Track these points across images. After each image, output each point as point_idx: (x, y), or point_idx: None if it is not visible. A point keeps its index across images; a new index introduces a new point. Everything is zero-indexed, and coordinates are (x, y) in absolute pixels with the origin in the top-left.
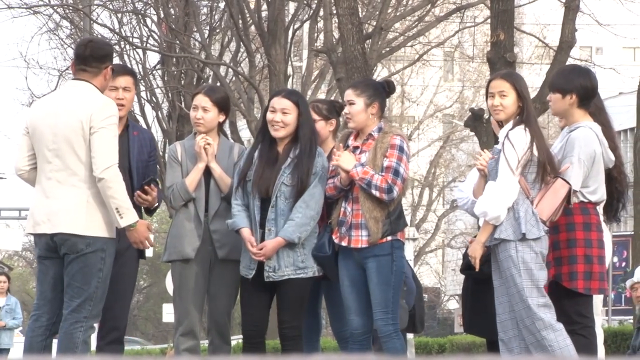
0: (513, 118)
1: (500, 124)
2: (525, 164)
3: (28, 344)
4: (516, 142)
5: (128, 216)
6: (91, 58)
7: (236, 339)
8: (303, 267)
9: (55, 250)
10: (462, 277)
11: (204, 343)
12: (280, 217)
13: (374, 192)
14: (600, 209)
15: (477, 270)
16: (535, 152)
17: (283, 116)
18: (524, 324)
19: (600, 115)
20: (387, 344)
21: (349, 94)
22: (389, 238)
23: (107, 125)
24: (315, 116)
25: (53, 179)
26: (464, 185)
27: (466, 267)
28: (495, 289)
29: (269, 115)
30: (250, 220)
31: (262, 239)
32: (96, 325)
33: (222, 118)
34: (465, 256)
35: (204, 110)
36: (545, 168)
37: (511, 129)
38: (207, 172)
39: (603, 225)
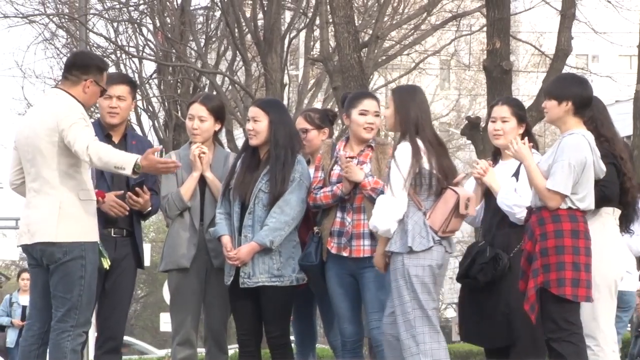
0: (398, 132)
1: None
2: (414, 177)
3: (21, 353)
4: (400, 158)
5: (128, 164)
6: (74, 66)
7: (233, 348)
8: (279, 275)
9: (39, 260)
10: (460, 285)
11: (202, 352)
12: (257, 224)
13: None
14: (616, 218)
15: (383, 272)
16: (426, 165)
17: (254, 124)
18: (401, 337)
19: (605, 127)
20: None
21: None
22: None
23: (76, 120)
24: (307, 125)
25: (31, 189)
26: None
27: (462, 275)
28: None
29: (247, 125)
30: (231, 228)
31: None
32: (93, 334)
33: (218, 127)
34: (461, 265)
35: (200, 120)
36: (437, 180)
37: (397, 145)
38: (203, 181)
39: (618, 233)
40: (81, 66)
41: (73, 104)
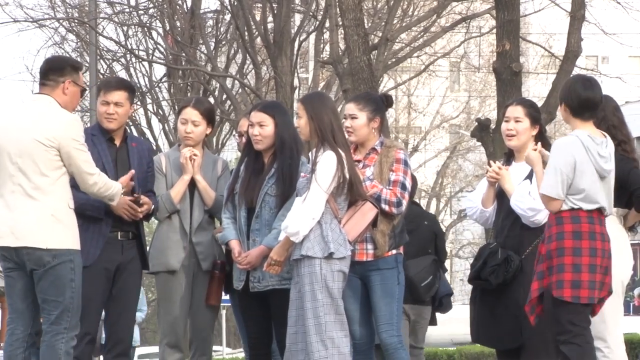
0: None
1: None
2: (337, 185)
3: (7, 358)
4: (324, 165)
5: (116, 196)
6: (50, 72)
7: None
8: (288, 277)
9: (20, 263)
10: (470, 286)
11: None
12: (264, 227)
13: (383, 206)
14: (620, 218)
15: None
16: (346, 174)
17: (260, 129)
18: (310, 340)
19: (618, 129)
20: (393, 354)
21: (351, 108)
22: (394, 252)
23: (78, 146)
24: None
25: (17, 192)
26: (473, 195)
27: (474, 277)
28: (291, 301)
29: (250, 130)
30: (238, 233)
31: (250, 250)
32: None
33: (209, 130)
34: (473, 266)
35: (193, 124)
36: (352, 190)
37: (322, 151)
38: (191, 184)
39: (624, 233)
40: (57, 69)
41: (73, 120)
